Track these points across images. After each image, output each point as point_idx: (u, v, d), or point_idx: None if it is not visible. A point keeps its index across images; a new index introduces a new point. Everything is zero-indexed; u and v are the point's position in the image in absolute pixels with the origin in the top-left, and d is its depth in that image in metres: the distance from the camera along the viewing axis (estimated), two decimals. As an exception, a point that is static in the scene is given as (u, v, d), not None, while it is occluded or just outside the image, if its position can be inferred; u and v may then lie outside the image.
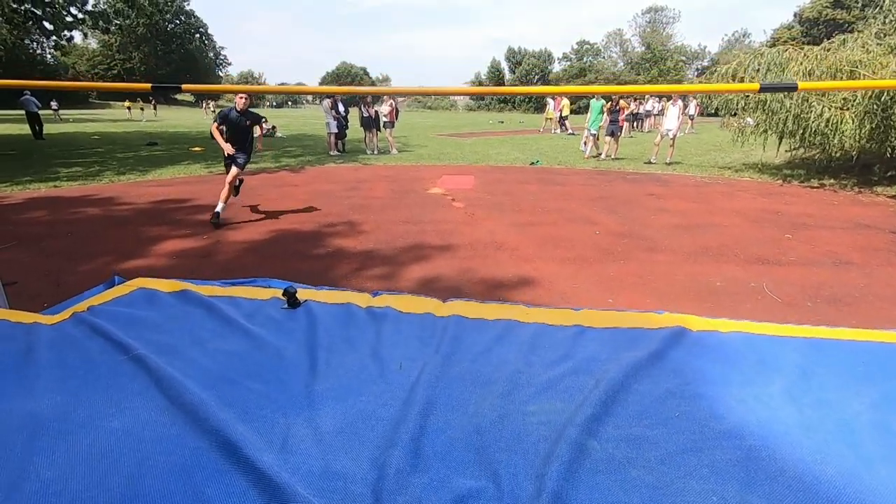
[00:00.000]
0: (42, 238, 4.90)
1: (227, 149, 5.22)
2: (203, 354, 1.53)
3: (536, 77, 73.61)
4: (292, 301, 1.92)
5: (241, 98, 5.25)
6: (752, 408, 1.33)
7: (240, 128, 5.30)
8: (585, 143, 12.85)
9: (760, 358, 1.55)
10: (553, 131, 22.59)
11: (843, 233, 5.42)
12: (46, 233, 5.10)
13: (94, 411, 1.30)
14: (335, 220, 5.76)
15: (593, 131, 12.37)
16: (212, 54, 76.51)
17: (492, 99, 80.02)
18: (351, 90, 11.13)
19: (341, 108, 12.49)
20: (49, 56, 41.02)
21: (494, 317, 1.83)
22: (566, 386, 1.40)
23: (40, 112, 15.88)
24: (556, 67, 75.55)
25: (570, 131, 21.76)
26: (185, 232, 5.19)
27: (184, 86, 1.90)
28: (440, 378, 1.42)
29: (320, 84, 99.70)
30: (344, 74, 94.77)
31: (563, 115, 23.04)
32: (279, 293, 1.97)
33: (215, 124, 5.24)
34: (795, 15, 56.39)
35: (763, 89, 1.53)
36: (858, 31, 8.74)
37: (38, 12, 14.45)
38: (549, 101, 25.15)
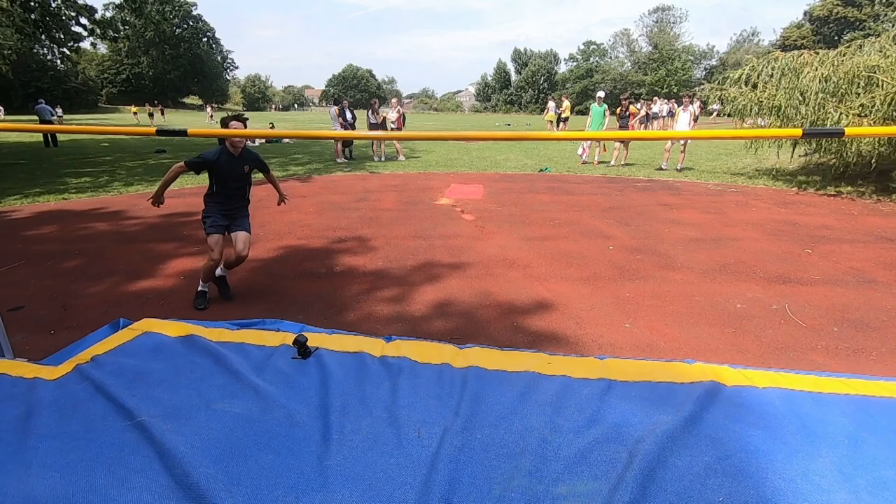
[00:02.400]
0: (50, 256, 4.87)
1: (151, 201, 3.57)
2: (210, 418, 1.45)
3: (542, 78, 73.39)
4: (303, 350, 1.84)
5: (239, 141, 3.53)
6: (800, 489, 1.22)
7: (236, 177, 3.59)
8: (583, 151, 12.67)
9: (803, 423, 1.44)
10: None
11: (864, 247, 5.27)
12: (54, 251, 5.07)
13: (94, 494, 1.22)
14: (344, 234, 5.69)
15: None
16: (219, 58, 77.03)
17: (498, 100, 79.87)
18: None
19: (349, 115, 12.45)
20: (59, 62, 41.42)
21: (514, 367, 1.74)
22: (597, 459, 1.30)
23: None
24: (563, 68, 75.29)
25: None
26: (194, 249, 5.14)
27: (189, 130, 1.82)
28: (462, 450, 1.33)
29: (325, 87, 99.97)
30: (350, 77, 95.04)
31: (564, 117, 22.95)
32: (289, 339, 1.90)
33: (181, 166, 3.41)
34: (805, 13, 55.86)
35: (806, 135, 1.44)
36: (876, 36, 8.55)
37: (48, 20, 14.56)
38: (551, 102, 25.12)
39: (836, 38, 50.09)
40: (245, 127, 3.68)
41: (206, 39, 72.67)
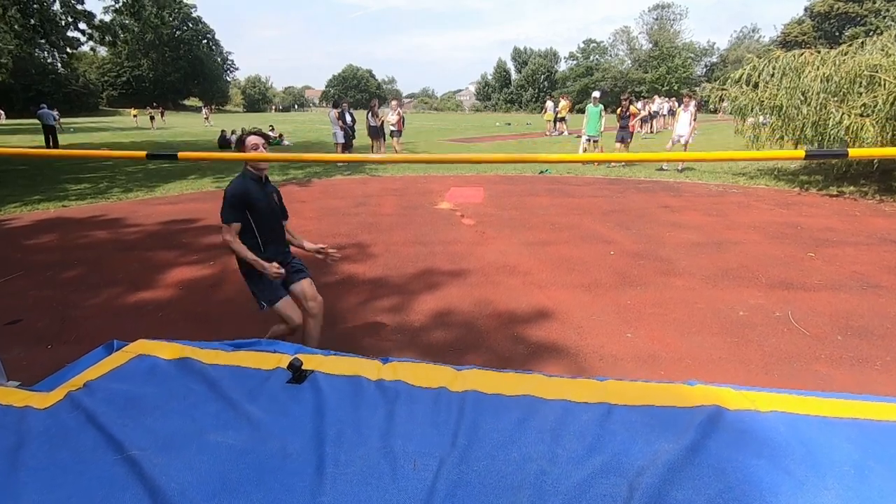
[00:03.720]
0: (49, 266, 4.86)
1: (274, 270, 2.61)
2: (202, 450, 1.42)
3: (543, 77, 73.21)
4: (298, 374, 1.82)
5: (257, 144, 2.68)
6: (806, 523, 1.20)
7: (270, 209, 2.78)
8: (584, 151, 12.59)
9: (808, 450, 1.41)
10: (549, 133, 22.46)
11: (867, 249, 5.23)
12: (54, 260, 5.06)
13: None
14: (344, 241, 5.66)
15: (595, 137, 12.15)
16: (219, 59, 77.01)
17: (498, 99, 79.74)
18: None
19: (348, 118, 12.42)
20: (59, 65, 41.48)
21: (513, 391, 1.71)
22: (597, 494, 1.27)
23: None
24: (563, 66, 75.08)
25: (559, 132, 21.72)
26: (193, 258, 5.12)
27: (179, 154, 1.80)
28: (458, 484, 1.30)
29: (325, 87, 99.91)
30: (350, 77, 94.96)
31: (560, 116, 22.96)
32: (285, 362, 1.87)
33: (231, 228, 2.63)
34: (806, 9, 55.58)
35: (808, 156, 1.41)
36: (878, 34, 8.48)
37: (47, 26, 14.56)
38: (549, 103, 25.15)
39: (838, 33, 49.91)
40: (268, 142, 2.87)
41: (205, 41, 72.64)
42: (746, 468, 1.35)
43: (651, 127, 23.26)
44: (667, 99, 29.80)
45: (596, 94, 12.73)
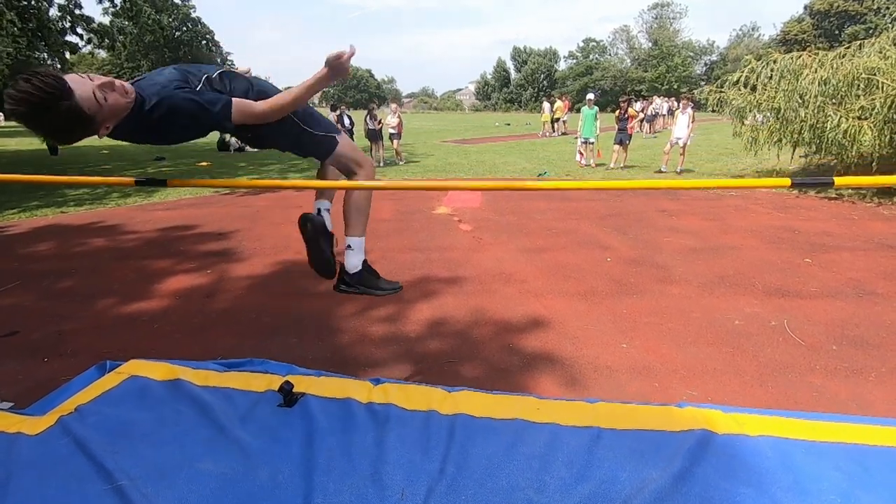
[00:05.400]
0: (46, 275, 4.86)
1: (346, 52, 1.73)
2: (193, 479, 1.43)
3: (542, 76, 73.22)
4: (288, 398, 1.82)
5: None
6: (790, 556, 1.20)
7: None
8: (581, 156, 12.60)
9: (795, 478, 1.42)
10: (546, 134, 22.54)
11: (864, 255, 5.23)
12: (50, 269, 5.06)
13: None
14: (341, 248, 5.64)
15: (591, 140, 12.15)
16: (219, 60, 77.00)
17: (498, 98, 79.76)
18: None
19: (346, 120, 12.43)
20: (59, 66, 41.41)
21: (502, 414, 1.72)
22: (584, 525, 1.28)
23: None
24: (562, 65, 75.08)
25: (554, 133, 21.84)
26: (190, 266, 5.13)
27: (168, 181, 1.79)
28: (446, 514, 1.31)
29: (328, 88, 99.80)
30: (349, 77, 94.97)
31: (556, 117, 23.03)
32: (276, 384, 1.88)
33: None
34: (805, 7, 55.57)
35: (794, 185, 1.41)
36: (876, 35, 8.47)
37: (45, 31, 14.58)
38: (546, 104, 25.23)
39: (837, 31, 49.89)
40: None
41: (205, 42, 72.61)
42: (733, 497, 1.35)
43: (651, 128, 23.28)
44: (666, 98, 29.82)
45: (590, 95, 12.73)
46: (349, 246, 2.18)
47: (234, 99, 1.67)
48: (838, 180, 1.36)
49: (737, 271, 4.75)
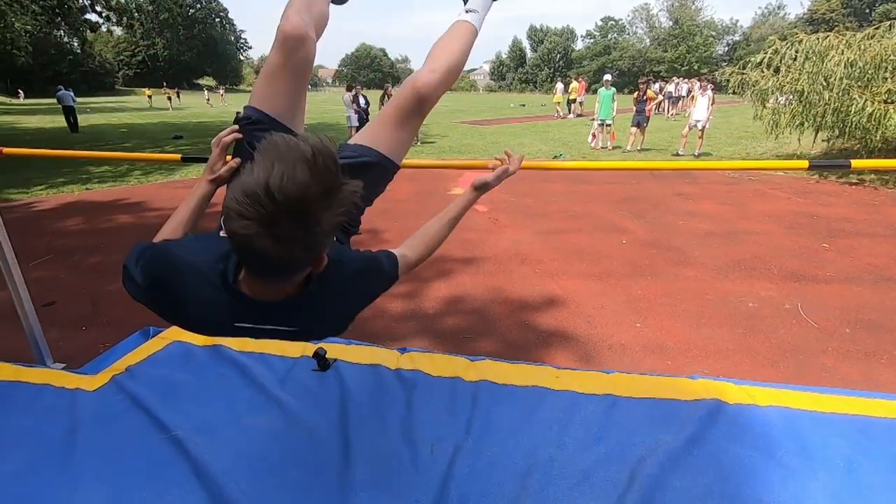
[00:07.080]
0: (76, 250, 5.04)
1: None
2: (239, 434, 1.56)
3: (559, 56, 71.81)
4: (322, 363, 1.95)
5: None
6: (790, 512, 1.29)
7: None
8: (592, 137, 12.47)
9: (802, 445, 1.50)
10: (561, 115, 22.25)
11: (884, 241, 5.19)
12: (79, 244, 5.24)
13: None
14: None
15: (608, 122, 12.00)
16: (232, 38, 76.77)
17: (513, 79, 78.55)
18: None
19: (362, 101, 12.43)
20: (77, 45, 41.69)
21: (523, 381, 1.82)
22: (600, 479, 1.38)
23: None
24: (580, 45, 73.51)
25: (563, 115, 21.56)
26: (213, 242, 5.27)
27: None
28: (472, 469, 1.42)
29: (339, 66, 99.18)
30: (363, 56, 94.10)
31: (572, 98, 22.66)
32: (310, 350, 2.00)
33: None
34: (835, -15, 53.37)
35: (812, 167, 1.45)
36: (906, 16, 8.22)
37: (65, 8, 14.69)
38: (559, 84, 24.81)
39: (868, 10, 48.00)
40: None
41: (218, 20, 72.38)
42: (741, 459, 1.44)
43: (676, 108, 22.90)
44: (686, 80, 29.12)
45: (607, 76, 12.54)
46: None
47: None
48: (855, 163, 1.40)
49: (753, 255, 4.76)
